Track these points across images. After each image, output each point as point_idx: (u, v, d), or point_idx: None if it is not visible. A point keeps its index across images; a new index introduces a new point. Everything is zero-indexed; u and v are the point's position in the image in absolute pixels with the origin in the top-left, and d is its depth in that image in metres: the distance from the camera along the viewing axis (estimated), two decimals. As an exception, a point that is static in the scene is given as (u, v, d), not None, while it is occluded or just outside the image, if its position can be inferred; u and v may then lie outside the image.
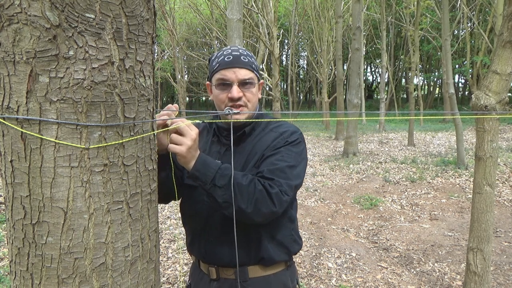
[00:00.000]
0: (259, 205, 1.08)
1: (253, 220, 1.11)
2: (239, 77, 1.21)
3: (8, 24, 0.70)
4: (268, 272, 1.29)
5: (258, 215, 1.10)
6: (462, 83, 32.56)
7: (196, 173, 1.05)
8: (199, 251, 1.31)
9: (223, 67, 1.22)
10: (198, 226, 1.30)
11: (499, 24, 10.12)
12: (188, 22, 20.21)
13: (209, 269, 1.30)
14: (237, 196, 1.07)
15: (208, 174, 1.06)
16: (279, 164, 1.17)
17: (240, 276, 1.26)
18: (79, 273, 0.77)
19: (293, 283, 1.37)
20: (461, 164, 7.41)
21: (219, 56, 1.25)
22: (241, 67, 1.22)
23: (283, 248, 1.30)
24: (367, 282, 3.30)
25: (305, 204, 5.74)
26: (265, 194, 1.09)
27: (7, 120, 0.74)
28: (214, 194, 1.07)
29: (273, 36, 10.91)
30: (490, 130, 2.34)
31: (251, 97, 1.25)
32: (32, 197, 0.75)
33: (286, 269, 1.34)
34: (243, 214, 1.09)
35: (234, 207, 1.07)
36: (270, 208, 1.10)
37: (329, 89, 23.91)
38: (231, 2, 5.18)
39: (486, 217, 2.46)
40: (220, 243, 1.25)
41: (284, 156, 1.20)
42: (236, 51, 1.25)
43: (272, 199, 1.10)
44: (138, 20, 0.80)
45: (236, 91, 1.20)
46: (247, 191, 1.08)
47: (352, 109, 9.29)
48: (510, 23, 2.19)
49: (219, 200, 1.07)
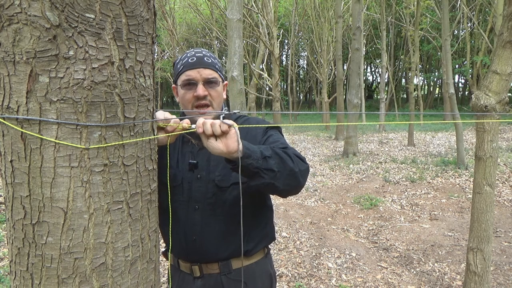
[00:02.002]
0: (299, 164, 1.14)
1: (299, 181, 1.14)
2: (203, 76, 1.25)
3: (8, 24, 0.70)
4: (250, 261, 1.33)
5: (302, 174, 1.14)
6: (462, 83, 32.56)
7: (248, 152, 1.04)
8: (180, 250, 1.30)
9: (188, 68, 1.26)
10: (176, 225, 1.28)
11: (499, 24, 10.12)
12: (188, 22, 20.21)
13: (191, 268, 1.30)
14: (285, 161, 1.10)
15: (256, 150, 1.07)
16: (280, 140, 1.26)
17: (224, 269, 1.29)
18: (79, 273, 0.77)
19: (272, 269, 1.43)
20: (461, 164, 7.41)
21: (183, 59, 1.30)
22: (205, 67, 1.26)
23: (266, 236, 1.37)
24: (367, 282, 3.30)
25: (305, 204, 5.74)
26: (296, 156, 1.16)
27: (7, 120, 0.74)
28: (268, 166, 1.06)
29: (273, 36, 10.91)
30: (490, 130, 2.34)
31: (216, 96, 1.28)
32: (32, 197, 0.75)
33: (265, 257, 1.39)
34: (294, 176, 1.11)
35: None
36: (304, 165, 1.16)
37: (329, 89, 23.91)
38: (231, 2, 5.18)
39: (486, 217, 2.46)
40: (203, 239, 1.27)
41: (275, 136, 1.30)
42: (199, 53, 1.30)
43: (301, 158, 1.18)
44: (138, 20, 0.80)
45: (202, 89, 1.24)
46: (287, 155, 1.12)
47: (352, 109, 9.29)
48: (510, 23, 2.19)
49: (276, 169, 1.07)
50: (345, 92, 23.26)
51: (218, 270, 1.28)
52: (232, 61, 5.22)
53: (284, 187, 1.11)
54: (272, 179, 1.08)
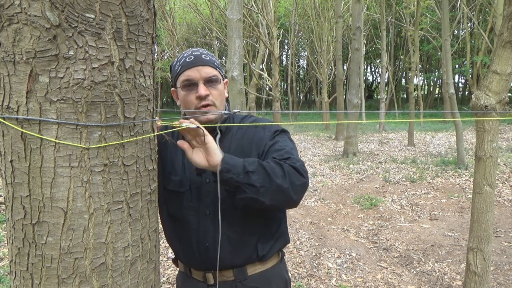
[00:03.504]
0: (293, 179, 1.08)
1: (291, 197, 1.10)
2: (203, 75, 1.20)
3: (8, 24, 0.70)
4: (266, 267, 1.28)
5: (295, 190, 1.09)
6: (462, 83, 32.57)
7: (227, 166, 1.03)
8: (193, 258, 1.25)
9: (186, 68, 1.21)
10: (187, 232, 1.24)
11: (499, 24, 10.12)
12: (188, 22, 20.20)
13: (205, 275, 1.26)
14: (271, 176, 1.06)
15: (238, 164, 1.05)
16: (285, 148, 1.20)
17: (239, 275, 1.24)
18: (79, 273, 0.77)
19: (287, 274, 1.38)
20: (461, 164, 7.40)
21: (180, 60, 1.25)
22: (204, 64, 1.22)
23: (280, 240, 1.32)
24: (367, 282, 3.30)
25: (305, 204, 5.74)
26: (293, 169, 1.11)
27: (7, 120, 0.74)
28: (250, 181, 1.04)
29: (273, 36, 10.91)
30: (490, 130, 2.34)
31: (218, 95, 1.24)
32: (32, 197, 0.75)
33: (280, 261, 1.35)
34: (282, 192, 1.07)
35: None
36: (301, 179, 1.11)
37: (329, 89, 23.90)
38: (231, 2, 5.17)
39: (486, 217, 2.46)
40: (217, 246, 1.21)
41: (282, 142, 1.23)
42: (196, 51, 1.25)
43: (300, 171, 1.11)
44: (138, 20, 0.80)
45: (203, 89, 1.19)
46: (278, 169, 1.08)
47: (352, 109, 9.29)
48: (510, 23, 2.19)
49: (258, 184, 1.04)
50: (345, 92, 23.26)
51: (233, 277, 1.24)
52: (232, 61, 5.22)
53: (271, 203, 1.08)
54: (255, 194, 1.06)
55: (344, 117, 12.96)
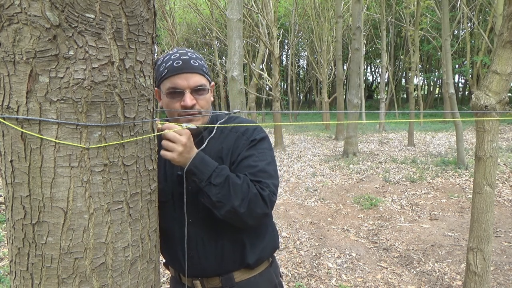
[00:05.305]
0: (253, 205, 1.07)
1: (245, 221, 1.09)
2: (191, 84, 1.14)
3: (8, 24, 0.70)
4: (254, 273, 1.27)
5: (251, 216, 1.08)
6: (462, 83, 32.55)
7: (193, 169, 1.04)
8: (180, 265, 1.23)
9: (173, 73, 1.14)
10: (172, 241, 1.23)
11: (499, 24, 10.12)
12: (188, 22, 20.21)
13: (193, 283, 1.26)
14: (231, 195, 1.05)
15: (205, 171, 1.05)
16: (259, 165, 1.16)
17: (227, 283, 1.23)
18: (79, 273, 0.77)
19: (277, 278, 1.37)
20: (461, 164, 7.40)
21: (167, 61, 1.17)
22: (192, 72, 1.15)
23: (269, 246, 1.30)
24: (367, 282, 3.30)
25: (305, 204, 5.74)
26: (259, 196, 1.09)
27: (7, 120, 0.74)
28: (209, 192, 1.05)
29: (273, 36, 10.91)
30: (490, 130, 2.34)
31: (205, 104, 1.19)
32: (32, 197, 0.75)
33: (270, 266, 1.34)
34: (236, 214, 1.07)
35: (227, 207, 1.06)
36: (263, 209, 1.10)
37: (329, 89, 23.91)
38: (231, 2, 5.18)
39: (486, 217, 2.46)
40: (202, 255, 1.21)
41: (258, 156, 1.18)
42: (185, 55, 1.18)
43: (265, 201, 1.10)
44: (138, 20, 0.80)
45: (189, 99, 1.14)
46: (242, 190, 1.07)
47: (352, 109, 9.29)
48: (510, 23, 2.19)
49: (214, 198, 1.05)
50: (345, 92, 23.27)
51: (220, 284, 1.23)
52: (232, 61, 5.22)
53: (225, 218, 1.09)
54: (210, 205, 1.08)
55: (344, 117, 12.95)
